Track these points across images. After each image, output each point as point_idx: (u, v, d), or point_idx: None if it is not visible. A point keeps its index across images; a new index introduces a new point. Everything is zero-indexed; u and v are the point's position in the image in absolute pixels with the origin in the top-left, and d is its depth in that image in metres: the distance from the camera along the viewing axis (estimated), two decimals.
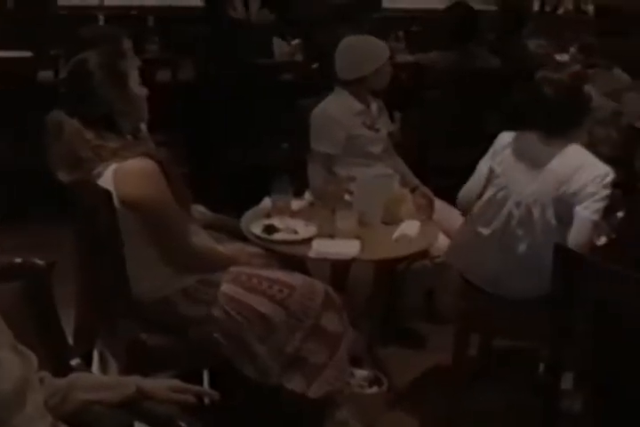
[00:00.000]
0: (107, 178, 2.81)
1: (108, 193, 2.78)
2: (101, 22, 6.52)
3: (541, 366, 3.64)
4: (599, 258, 3.00)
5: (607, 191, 3.25)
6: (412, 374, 3.92)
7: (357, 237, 3.42)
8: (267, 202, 3.74)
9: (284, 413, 3.13)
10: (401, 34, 7.11)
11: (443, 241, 3.83)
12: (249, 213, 3.71)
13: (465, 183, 3.62)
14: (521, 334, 3.37)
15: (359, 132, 4.17)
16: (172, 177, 2.88)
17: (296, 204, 3.73)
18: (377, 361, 3.78)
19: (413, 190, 4.05)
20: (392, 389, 3.61)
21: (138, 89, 2.99)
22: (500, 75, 5.48)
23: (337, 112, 4.13)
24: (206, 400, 2.11)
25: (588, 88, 3.44)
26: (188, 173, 4.25)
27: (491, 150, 3.54)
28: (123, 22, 5.89)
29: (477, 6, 6.62)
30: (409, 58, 6.30)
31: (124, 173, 2.80)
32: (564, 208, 3.27)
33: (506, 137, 3.51)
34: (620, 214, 3.59)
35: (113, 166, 2.80)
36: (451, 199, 4.20)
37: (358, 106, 4.19)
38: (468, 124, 5.33)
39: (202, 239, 3.08)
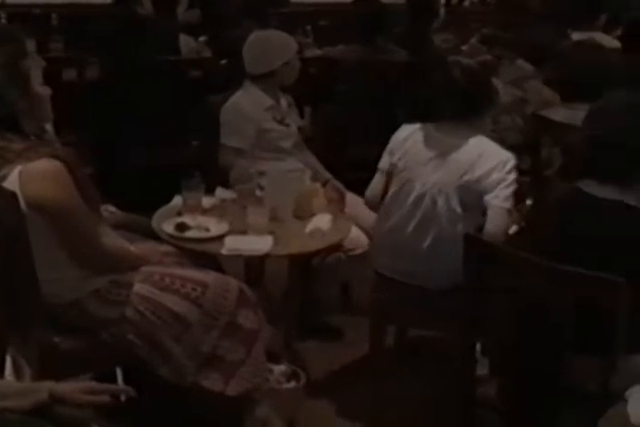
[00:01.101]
0: (12, 180, 2.74)
1: (14, 195, 2.72)
2: (3, 21, 6.40)
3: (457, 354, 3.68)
4: (509, 246, 3.05)
5: (513, 176, 3.30)
6: (331, 368, 3.94)
7: (270, 233, 3.42)
8: (178, 200, 3.71)
9: (202, 411, 3.11)
10: (309, 28, 7.10)
11: (356, 234, 3.86)
12: (160, 212, 3.68)
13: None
14: (436, 323, 3.41)
15: (270, 126, 4.17)
16: (79, 177, 2.82)
17: (207, 201, 3.71)
18: (294, 356, 3.78)
19: (325, 184, 4.07)
20: (311, 383, 3.61)
21: (41, 89, 2.94)
22: (408, 68, 5.52)
23: (247, 107, 4.13)
24: (122, 398, 2.09)
25: (492, 79, 3.50)
26: (97, 173, 4.22)
27: (388, 148, 3.57)
28: (26, 21, 5.80)
29: (385, 0, 6.67)
30: (317, 52, 6.31)
31: (30, 175, 2.74)
32: (468, 196, 3.31)
33: (403, 132, 3.55)
34: (528, 202, 3.65)
35: (18, 168, 2.74)
36: (364, 192, 4.24)
37: (268, 101, 4.19)
38: (378, 116, 5.36)
39: (112, 240, 3.04)
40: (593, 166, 2.82)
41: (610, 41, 5.68)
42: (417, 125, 3.52)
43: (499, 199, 3.29)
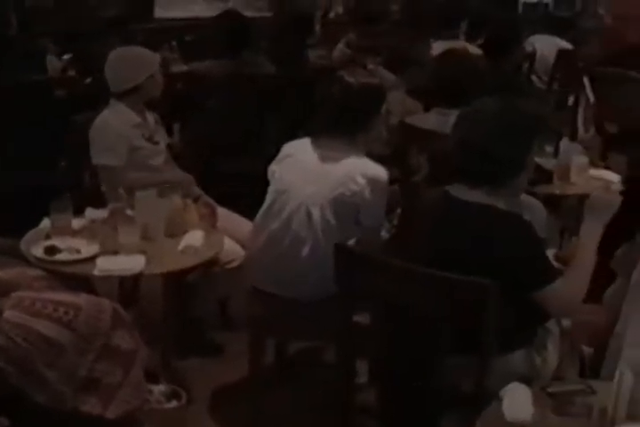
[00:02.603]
0: None
1: None
2: None
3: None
4: (380, 254, 3.08)
5: (385, 193, 3.37)
6: (213, 384, 3.91)
7: (142, 252, 3.37)
8: (46, 222, 3.63)
9: None
10: (174, 44, 7.07)
11: (231, 246, 3.85)
12: (29, 236, 3.59)
13: (250, 190, 3.65)
14: (314, 334, 3.43)
15: (139, 144, 4.14)
16: None
17: (77, 222, 3.64)
18: (174, 375, 3.75)
19: (195, 200, 4.05)
20: (192, 401, 3.59)
21: None
22: (277, 82, 5.55)
23: (116, 124, 4.09)
24: None
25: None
26: None
27: (275, 160, 3.59)
28: None
29: (249, 13, 6.69)
30: (184, 68, 6.27)
31: None
32: (343, 209, 3.35)
33: (288, 148, 3.57)
34: (398, 210, 3.71)
35: None
36: (236, 207, 4.23)
37: (136, 118, 4.16)
38: (248, 131, 5.36)
39: None
40: (462, 172, 2.88)
41: (472, 48, 5.81)
42: (302, 140, 3.55)
43: (371, 218, 3.37)
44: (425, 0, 9.89)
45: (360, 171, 3.36)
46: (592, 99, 7.15)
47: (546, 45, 7.70)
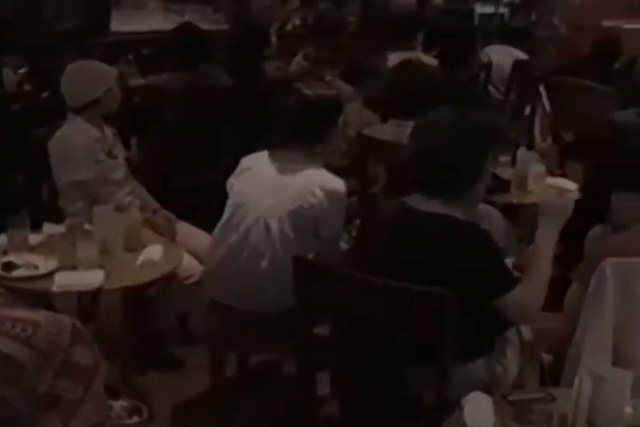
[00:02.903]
0: None
1: None
2: None
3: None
4: (339, 265, 3.09)
5: (343, 206, 3.38)
6: (174, 399, 3.88)
7: (101, 267, 3.35)
8: (3, 238, 3.59)
9: None
10: (131, 57, 7.04)
11: (190, 261, 3.83)
12: None
13: (209, 203, 3.64)
14: (274, 346, 3.42)
15: (100, 158, 4.11)
16: None
17: (34, 238, 3.61)
18: (135, 390, 3.72)
19: (154, 214, 4.03)
20: (154, 416, 3.56)
21: None
22: (234, 94, 5.54)
23: (79, 138, 4.05)
24: None
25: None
26: None
27: (234, 173, 3.58)
28: None
29: (206, 26, 6.68)
30: (141, 81, 6.25)
31: None
32: (301, 222, 3.35)
33: (246, 161, 3.57)
34: (357, 222, 3.72)
35: None
36: (195, 220, 4.22)
37: (96, 133, 4.13)
38: (206, 143, 5.35)
39: None
40: (419, 182, 2.89)
41: (428, 59, 5.85)
42: (260, 153, 3.55)
43: (329, 230, 3.37)
44: (381, 12, 10.00)
45: (318, 183, 3.36)
46: (548, 108, 7.23)
47: (502, 56, 7.77)
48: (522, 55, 7.87)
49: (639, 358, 2.71)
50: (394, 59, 5.94)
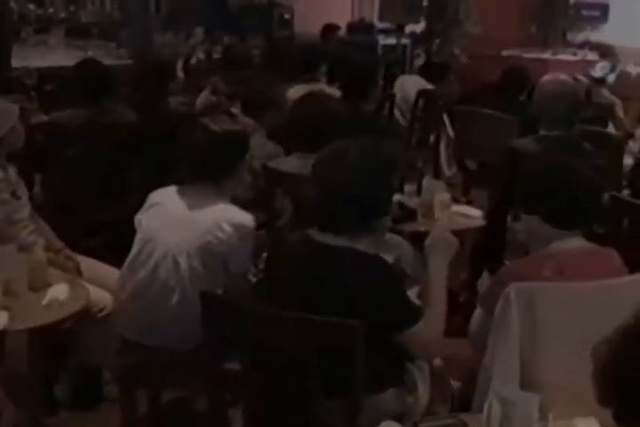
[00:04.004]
0: None
1: None
2: None
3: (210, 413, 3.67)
4: (248, 300, 3.09)
5: (251, 240, 3.38)
6: None
7: (5, 308, 3.28)
8: None
9: None
10: (33, 94, 6.95)
11: (100, 295, 3.78)
12: None
13: (117, 239, 3.61)
14: (186, 383, 3.38)
15: (5, 198, 4.03)
16: None
17: None
18: None
19: (58, 253, 3.97)
20: None
21: None
22: (138, 129, 5.51)
23: None
24: None
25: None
26: None
27: (142, 209, 3.56)
28: None
29: (110, 61, 6.64)
30: (44, 118, 6.17)
31: None
32: (210, 257, 3.35)
33: (154, 196, 3.55)
34: (264, 255, 3.72)
35: None
36: (102, 257, 4.17)
37: (0, 173, 4.05)
38: (112, 179, 5.30)
39: None
40: (322, 215, 2.89)
41: (332, 91, 5.90)
42: (168, 188, 3.53)
43: (238, 265, 3.38)
44: (286, 44, 10.08)
45: (227, 218, 3.37)
46: (452, 136, 7.36)
47: (412, 85, 7.91)
48: (426, 84, 8.01)
49: (545, 379, 2.76)
50: (297, 91, 5.98)
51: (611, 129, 7.21)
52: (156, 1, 11.19)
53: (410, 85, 7.96)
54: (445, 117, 7.51)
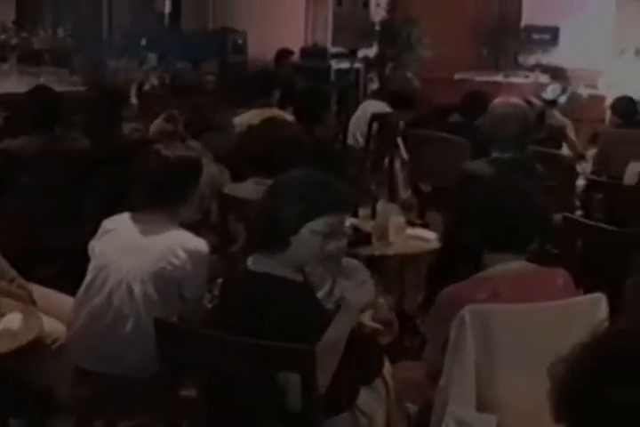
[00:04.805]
0: None
1: None
2: None
3: None
4: (203, 326, 3.06)
5: (205, 266, 3.37)
6: None
7: None
8: None
9: None
10: None
11: (53, 326, 3.74)
12: None
13: (70, 267, 3.58)
14: (142, 412, 3.36)
15: None
16: None
17: None
18: None
19: (11, 282, 3.93)
20: None
21: None
22: (91, 156, 5.48)
23: None
24: None
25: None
26: None
27: (95, 236, 3.54)
28: None
29: (63, 88, 6.61)
30: None
31: None
32: (164, 283, 3.33)
33: (107, 223, 3.53)
34: (219, 280, 3.70)
35: None
36: (56, 285, 4.13)
37: None
38: (66, 207, 5.26)
39: None
40: (256, 241, 2.88)
41: (284, 116, 5.92)
42: (121, 215, 3.51)
43: (193, 291, 3.36)
44: (239, 70, 10.11)
45: (181, 244, 3.36)
46: (406, 159, 7.40)
47: (375, 109, 7.94)
48: (385, 108, 8.03)
49: (502, 400, 2.77)
50: (251, 116, 6.00)
51: (565, 150, 7.31)
52: (109, 27, 11.20)
53: (373, 109, 7.98)
54: (400, 141, 7.54)
